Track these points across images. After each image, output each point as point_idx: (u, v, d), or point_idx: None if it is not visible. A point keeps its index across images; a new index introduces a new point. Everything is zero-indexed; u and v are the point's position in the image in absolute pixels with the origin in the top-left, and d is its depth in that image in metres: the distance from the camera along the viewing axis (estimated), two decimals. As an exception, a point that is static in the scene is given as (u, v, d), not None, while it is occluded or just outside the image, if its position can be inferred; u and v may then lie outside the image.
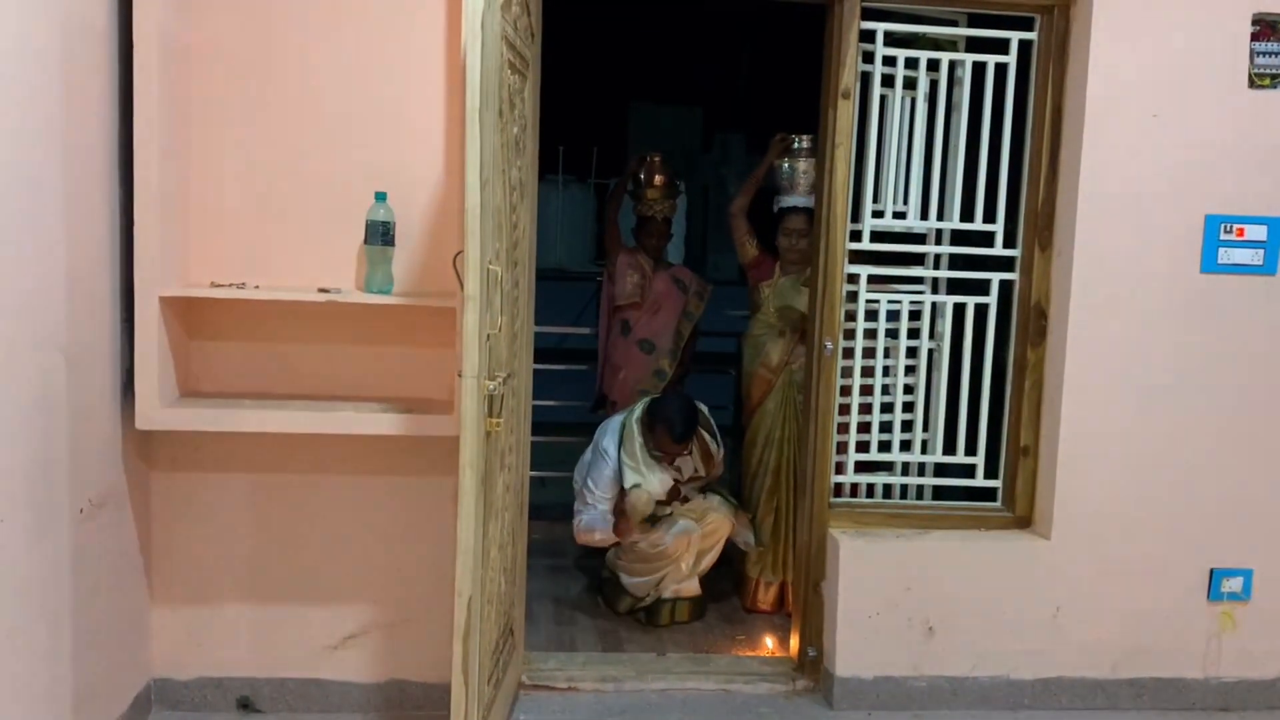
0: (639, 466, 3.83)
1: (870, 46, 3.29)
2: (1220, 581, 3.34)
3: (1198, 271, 3.25)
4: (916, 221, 3.41)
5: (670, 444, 3.80)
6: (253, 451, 3.04)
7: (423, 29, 2.93)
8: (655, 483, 3.86)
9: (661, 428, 3.79)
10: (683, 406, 3.87)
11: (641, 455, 3.84)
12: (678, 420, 3.78)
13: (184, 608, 3.07)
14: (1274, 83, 3.20)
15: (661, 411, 3.82)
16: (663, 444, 3.81)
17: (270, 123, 2.92)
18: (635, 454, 3.84)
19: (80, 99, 2.51)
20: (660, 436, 3.80)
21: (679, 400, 3.95)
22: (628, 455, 3.84)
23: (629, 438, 3.87)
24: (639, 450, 3.84)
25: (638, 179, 4.59)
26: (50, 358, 2.39)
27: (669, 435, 3.78)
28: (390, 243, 2.91)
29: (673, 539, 3.83)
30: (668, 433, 3.78)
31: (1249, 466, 3.33)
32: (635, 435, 3.86)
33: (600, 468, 3.87)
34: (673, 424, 3.77)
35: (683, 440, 3.80)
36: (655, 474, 3.86)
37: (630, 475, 3.81)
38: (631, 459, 3.84)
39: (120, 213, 2.72)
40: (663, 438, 3.79)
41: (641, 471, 3.83)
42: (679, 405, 3.87)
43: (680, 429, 3.78)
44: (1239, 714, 3.37)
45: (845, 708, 3.29)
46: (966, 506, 3.48)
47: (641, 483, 3.80)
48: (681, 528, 3.90)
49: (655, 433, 3.81)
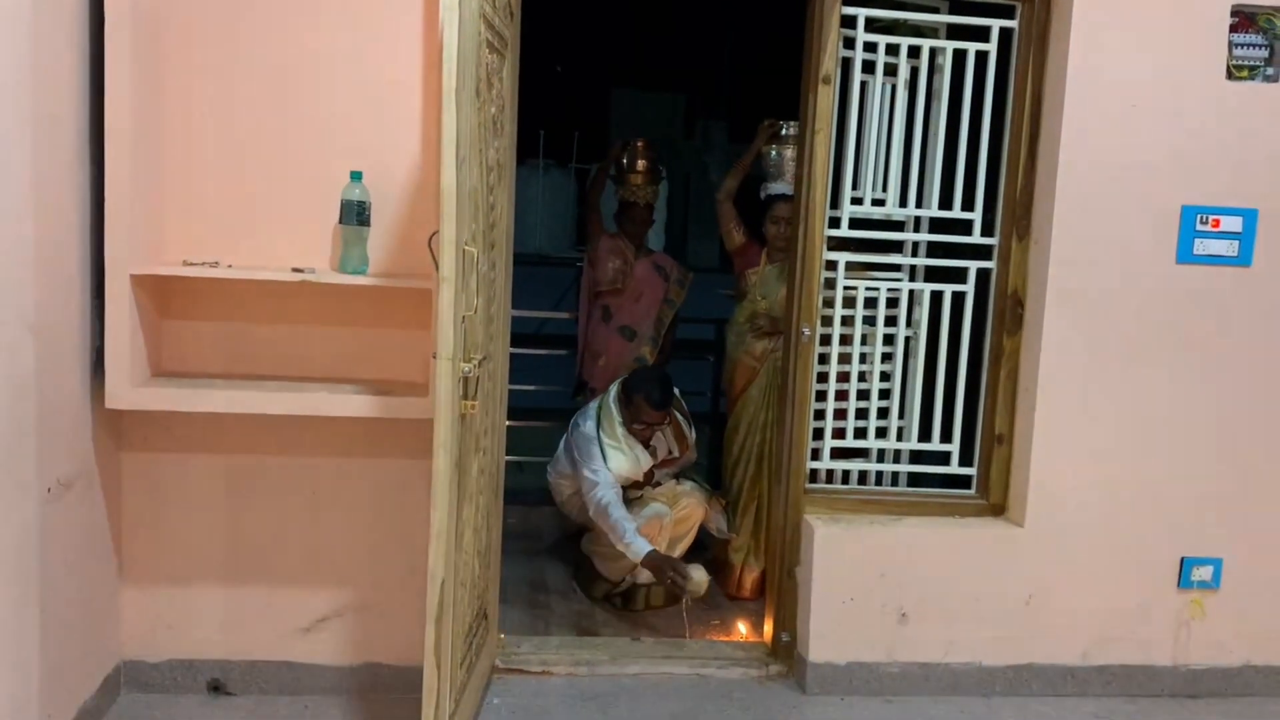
0: (620, 445, 3.84)
1: (851, 32, 3.28)
2: (1190, 570, 3.37)
3: (1174, 262, 3.27)
4: (895, 209, 3.41)
5: (650, 411, 3.81)
6: (225, 432, 3.01)
7: (400, 6, 2.89)
8: (634, 461, 3.87)
9: (639, 397, 3.82)
10: (657, 375, 3.94)
11: (621, 434, 3.86)
12: (654, 387, 3.83)
13: (154, 589, 3.05)
14: (1252, 74, 3.22)
15: (637, 382, 3.87)
16: (642, 414, 3.82)
17: (245, 100, 2.89)
18: (615, 433, 3.85)
19: (50, 73, 2.47)
20: (639, 406, 3.82)
21: (651, 370, 4.01)
22: (607, 435, 3.85)
23: (607, 418, 3.88)
24: (618, 429, 3.86)
25: (620, 164, 4.57)
26: (18, 336, 2.36)
27: (648, 403, 3.80)
28: (365, 223, 2.88)
29: (644, 523, 3.83)
30: (646, 400, 3.80)
31: (1221, 457, 3.36)
32: (613, 413, 3.88)
33: (589, 448, 3.85)
34: (650, 391, 3.81)
35: (662, 406, 3.82)
36: (635, 452, 3.87)
37: (612, 455, 3.81)
38: (612, 438, 3.85)
39: (91, 189, 2.68)
40: (641, 407, 3.82)
41: (622, 449, 3.84)
42: (653, 374, 3.95)
43: (658, 394, 3.81)
44: (1207, 700, 3.41)
45: (818, 693, 3.31)
46: (941, 494, 3.50)
47: (623, 460, 3.82)
48: (652, 511, 3.90)
49: (633, 404, 3.83)
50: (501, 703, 3.15)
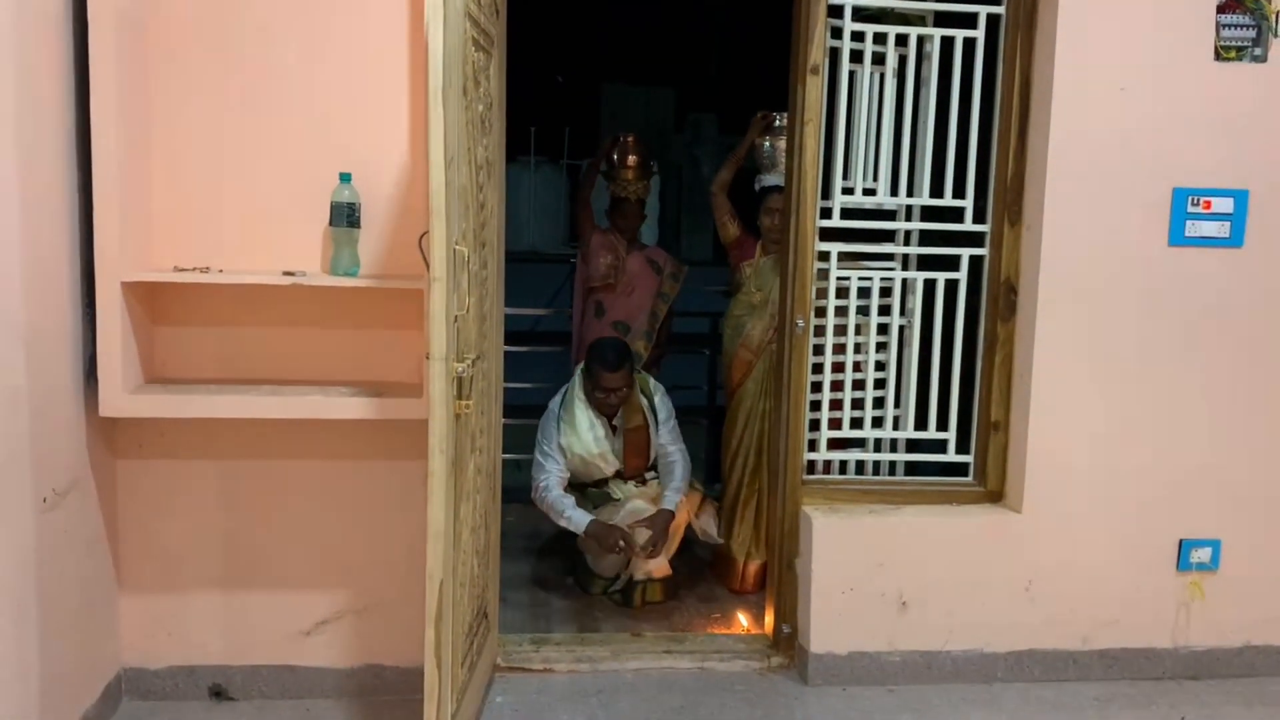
0: (575, 420, 3.95)
1: (839, 22, 3.28)
2: (1189, 552, 3.38)
3: (1166, 245, 3.26)
4: (886, 198, 3.41)
5: (606, 375, 3.86)
6: (220, 437, 3.00)
7: (386, 6, 2.88)
8: (593, 437, 3.96)
9: (594, 363, 3.90)
10: (611, 341, 4.05)
11: (580, 407, 3.95)
12: (607, 349, 3.92)
13: (153, 596, 3.04)
14: (1240, 55, 3.21)
15: (592, 350, 3.97)
16: (601, 380, 3.87)
17: (232, 103, 2.87)
18: (573, 408, 3.95)
19: (34, 79, 2.45)
20: (596, 374, 3.88)
21: (608, 339, 4.11)
22: (565, 410, 3.98)
23: (570, 393, 4.00)
24: (577, 403, 3.96)
25: (611, 160, 4.56)
26: (9, 345, 2.35)
27: (601, 365, 3.87)
28: (356, 224, 2.87)
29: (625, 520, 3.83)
30: (600, 363, 3.87)
31: (1217, 438, 3.36)
32: (576, 388, 3.99)
33: (547, 425, 4.00)
34: (603, 353, 3.90)
35: (616, 367, 3.87)
36: (596, 428, 3.96)
37: (565, 430, 3.94)
38: (568, 413, 3.95)
39: (80, 196, 2.67)
40: (598, 373, 3.88)
41: (577, 425, 3.94)
42: (608, 341, 4.06)
43: (611, 356, 3.89)
44: (1208, 682, 3.41)
45: (820, 683, 3.31)
46: (938, 482, 3.50)
47: (578, 438, 3.94)
48: (632, 508, 3.90)
49: (592, 373, 3.91)
50: (504, 701, 3.15)
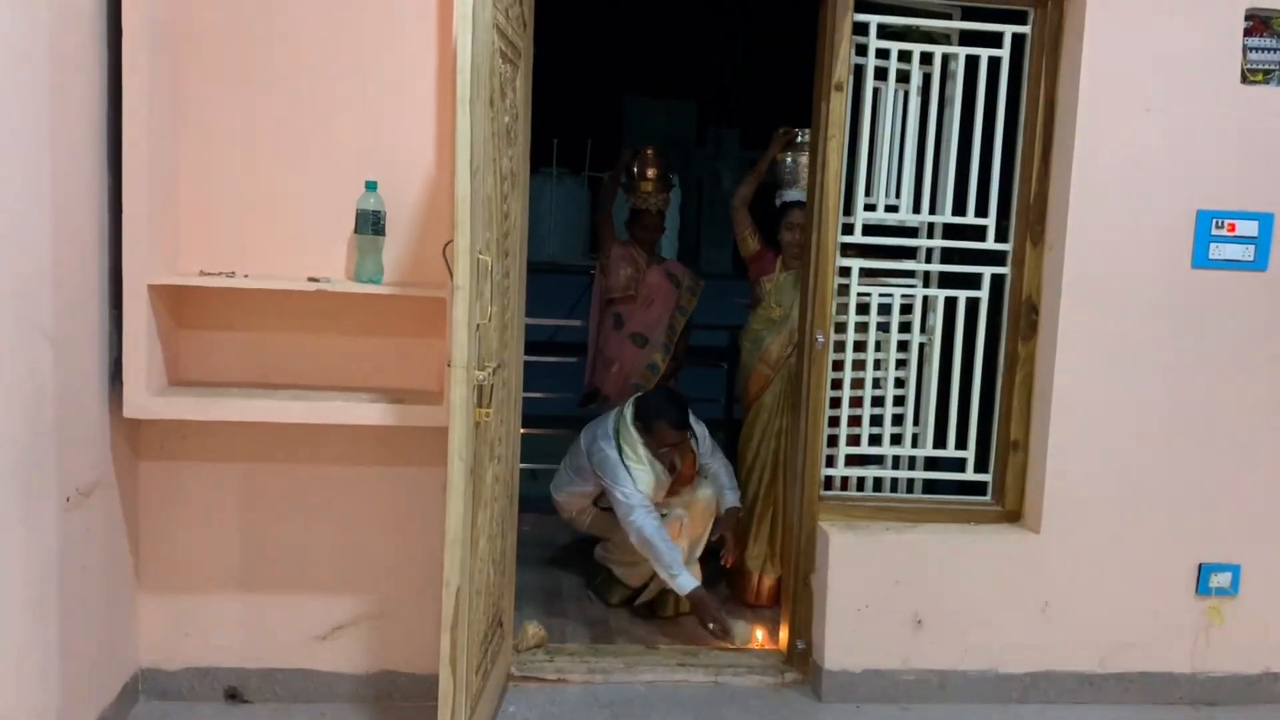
0: (644, 465, 3.80)
1: (863, 39, 3.29)
2: (1208, 576, 3.35)
3: (1189, 267, 3.25)
4: (909, 215, 3.41)
5: (672, 434, 3.78)
6: (241, 440, 3.02)
7: (414, 17, 2.91)
8: (659, 480, 3.85)
9: (659, 423, 3.78)
10: (669, 396, 3.93)
11: (645, 455, 3.82)
12: (671, 409, 3.80)
13: (172, 597, 3.06)
14: (1267, 78, 3.20)
15: (653, 410, 3.82)
16: (665, 438, 3.79)
17: (260, 111, 2.91)
18: (638, 454, 3.81)
19: (68, 85, 2.49)
20: (660, 432, 3.78)
21: (661, 393, 3.98)
22: (631, 458, 3.80)
23: (627, 441, 3.82)
24: (641, 450, 3.81)
25: (631, 172, 4.57)
26: (37, 346, 2.38)
27: (670, 426, 3.77)
28: (380, 232, 2.90)
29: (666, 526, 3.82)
30: (667, 424, 3.77)
31: (1238, 462, 3.34)
32: (634, 436, 3.82)
33: (615, 471, 3.77)
34: (669, 414, 3.78)
35: (682, 426, 3.80)
36: (657, 470, 3.85)
37: (639, 475, 3.77)
38: (636, 460, 3.80)
39: (109, 200, 2.70)
40: (664, 431, 3.77)
41: (646, 468, 3.80)
42: (665, 396, 3.92)
43: (676, 415, 3.79)
44: (1226, 708, 3.38)
45: (834, 700, 3.30)
46: (956, 500, 3.49)
47: (649, 479, 3.79)
48: (672, 516, 3.89)
49: (654, 430, 3.78)
50: (517, 711, 3.15)
